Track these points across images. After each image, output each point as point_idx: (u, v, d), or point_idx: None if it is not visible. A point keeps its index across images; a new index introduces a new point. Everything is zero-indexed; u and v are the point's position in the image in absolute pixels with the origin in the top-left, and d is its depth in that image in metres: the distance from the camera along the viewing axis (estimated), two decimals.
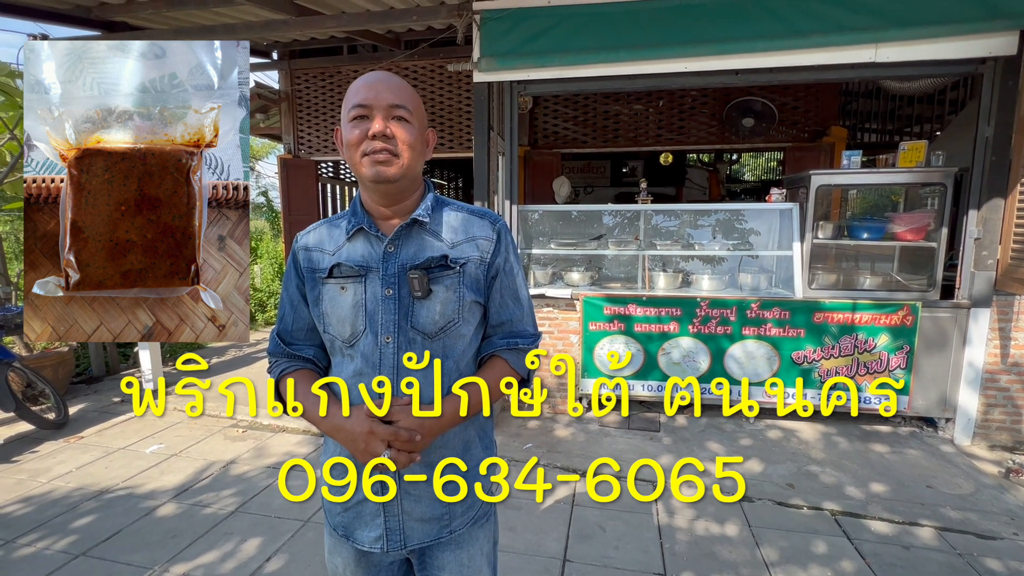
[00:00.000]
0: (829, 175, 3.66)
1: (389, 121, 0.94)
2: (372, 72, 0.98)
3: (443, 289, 0.97)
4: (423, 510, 1.01)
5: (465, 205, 1.08)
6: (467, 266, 0.99)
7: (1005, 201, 3.25)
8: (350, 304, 0.98)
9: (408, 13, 3.92)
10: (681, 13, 3.36)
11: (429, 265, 0.97)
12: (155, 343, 4.46)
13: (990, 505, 2.73)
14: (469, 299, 1.00)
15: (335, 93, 5.89)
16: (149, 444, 3.47)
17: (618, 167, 10.03)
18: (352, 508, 1.02)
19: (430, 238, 1.00)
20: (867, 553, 2.35)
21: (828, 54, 3.28)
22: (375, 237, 1.00)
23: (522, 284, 1.09)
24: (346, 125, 0.96)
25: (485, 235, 1.03)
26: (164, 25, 4.27)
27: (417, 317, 0.97)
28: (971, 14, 3.09)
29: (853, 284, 3.73)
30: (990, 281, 3.33)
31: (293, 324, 1.07)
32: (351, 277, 0.99)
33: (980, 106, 3.33)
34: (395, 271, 0.97)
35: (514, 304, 1.07)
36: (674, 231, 4.39)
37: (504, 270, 1.04)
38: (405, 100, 0.95)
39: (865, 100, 6.80)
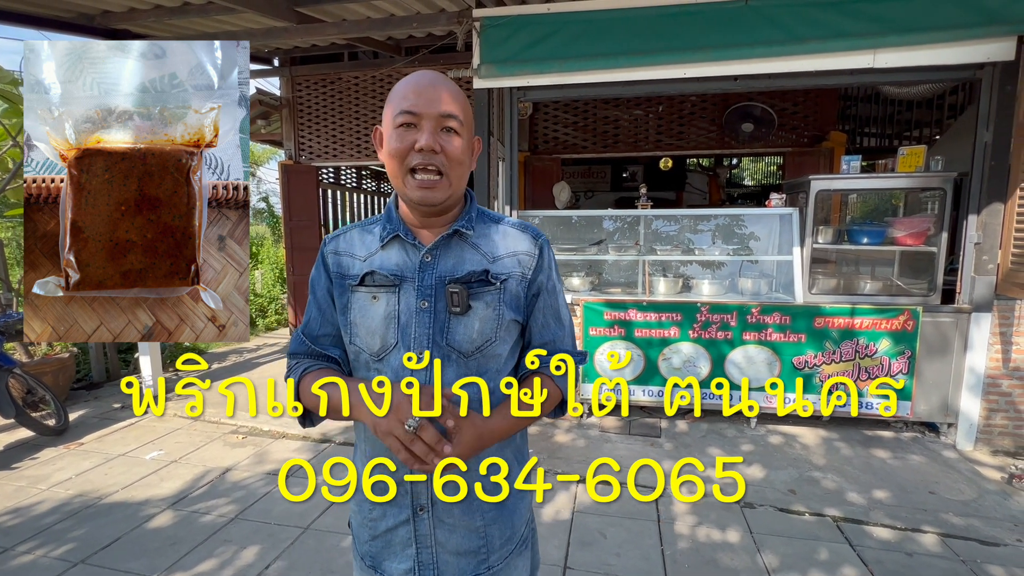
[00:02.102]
0: (829, 180, 3.66)
1: (438, 133, 0.87)
2: (421, 73, 0.90)
3: (483, 306, 0.92)
4: (458, 542, 0.94)
5: (507, 217, 1.03)
6: (508, 282, 0.94)
7: (1005, 206, 3.25)
8: (381, 315, 0.92)
9: (408, 20, 3.94)
10: (680, 20, 3.38)
11: (469, 279, 0.92)
12: (155, 348, 4.47)
13: (993, 511, 2.72)
14: (508, 317, 0.94)
15: (336, 99, 5.92)
16: (149, 450, 3.47)
17: (618, 172, 10.05)
18: (381, 536, 0.96)
19: (471, 251, 0.95)
20: (869, 560, 2.34)
21: (827, 60, 3.29)
22: (412, 246, 0.94)
23: (563, 303, 1.04)
24: (390, 131, 0.89)
25: (527, 250, 0.97)
26: (167, 33, 4.30)
27: (453, 334, 0.91)
28: (969, 20, 3.11)
29: (854, 289, 3.73)
30: (991, 286, 3.32)
31: (320, 329, 1.00)
32: (384, 286, 0.93)
33: (979, 111, 3.34)
34: (432, 283, 0.91)
35: (556, 324, 1.01)
36: (674, 236, 4.40)
37: (547, 288, 0.99)
38: (457, 108, 0.89)
39: (864, 105, 6.82)
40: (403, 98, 0.87)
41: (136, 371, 5.00)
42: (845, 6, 3.19)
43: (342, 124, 5.99)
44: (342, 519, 2.65)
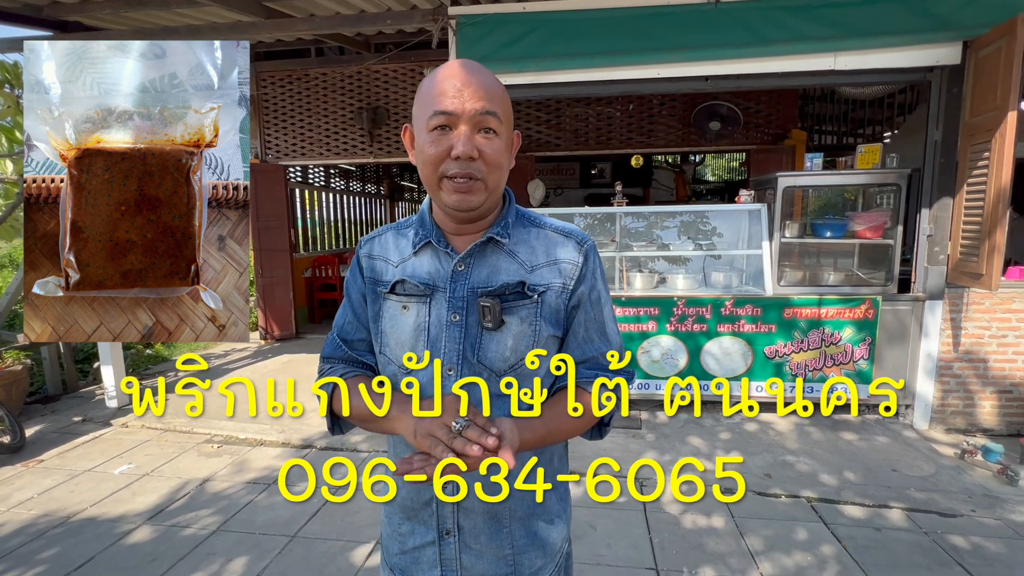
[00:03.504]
0: (795, 176, 3.83)
1: (476, 135, 0.79)
2: (455, 64, 0.81)
3: (517, 321, 0.85)
4: (485, 568, 0.90)
5: (549, 220, 0.94)
6: (546, 295, 0.86)
7: (954, 200, 3.47)
8: (411, 326, 0.87)
9: (381, 17, 3.88)
10: (654, 21, 3.46)
11: (503, 292, 0.85)
12: (118, 357, 4.26)
13: (949, 485, 2.92)
14: (546, 334, 0.86)
15: (303, 96, 5.76)
16: (117, 464, 3.31)
17: (587, 169, 10.18)
18: (409, 552, 0.93)
19: (506, 259, 0.87)
20: (843, 537, 2.48)
21: (792, 62, 3.44)
22: (444, 253, 0.88)
23: (611, 317, 0.94)
24: (423, 132, 0.81)
25: (570, 258, 0.89)
26: (123, 26, 4.09)
27: (485, 350, 0.84)
28: (919, 26, 3.31)
29: (819, 280, 3.92)
30: (942, 275, 3.55)
31: (355, 333, 0.96)
32: (415, 296, 0.87)
33: (929, 111, 3.56)
34: (463, 294, 0.85)
35: (600, 339, 0.92)
36: (646, 232, 4.50)
37: (590, 299, 0.90)
38: (495, 103, 0.80)
39: (821, 104, 7.14)
40: (436, 96, 0.79)
41: (96, 381, 4.76)
42: (808, 10, 3.34)
43: (310, 122, 5.84)
44: (330, 525, 2.61)
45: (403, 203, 11.85)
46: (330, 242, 8.54)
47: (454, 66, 0.81)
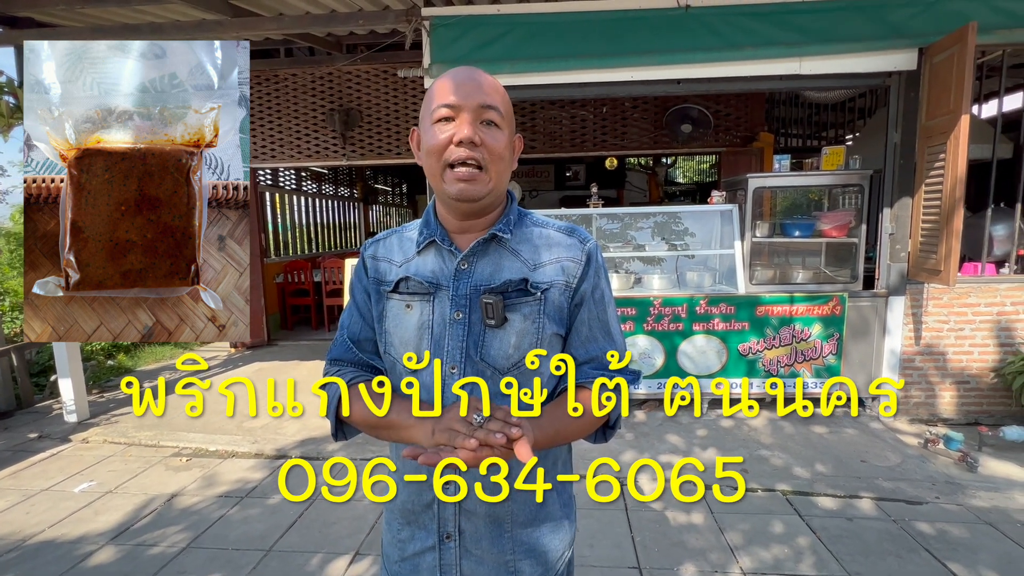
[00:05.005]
0: (764, 178, 3.93)
1: (478, 125, 0.82)
2: (459, 68, 0.86)
3: (520, 318, 0.85)
4: (485, 573, 0.89)
5: (551, 220, 0.95)
6: (549, 292, 0.87)
7: (913, 199, 3.63)
8: (415, 325, 0.87)
9: (352, 17, 3.82)
10: (626, 25, 3.51)
11: (506, 289, 0.85)
12: (77, 370, 4.06)
13: (914, 473, 3.03)
14: (550, 331, 0.87)
15: (272, 97, 5.63)
16: (77, 482, 3.15)
17: (562, 171, 10.27)
18: (409, 559, 0.93)
19: (509, 257, 0.88)
20: (817, 528, 2.54)
21: (760, 66, 3.53)
22: (448, 252, 0.89)
23: (614, 316, 0.94)
24: (428, 128, 0.84)
25: (572, 256, 0.90)
26: (78, 23, 3.91)
27: (488, 348, 0.85)
28: (877, 33, 3.45)
29: (788, 279, 4.03)
30: (903, 272, 3.70)
31: (362, 333, 0.95)
32: (418, 294, 0.88)
33: (888, 115, 3.71)
34: (466, 292, 0.86)
35: (604, 338, 0.92)
36: (621, 233, 4.55)
37: (593, 297, 0.91)
38: (497, 101, 0.83)
39: (787, 107, 7.37)
40: (440, 93, 0.83)
41: (53, 395, 4.53)
42: (775, 17, 3.44)
43: (280, 124, 5.71)
44: (307, 538, 2.54)
45: (377, 206, 11.70)
46: (302, 246, 8.36)
47: (458, 69, 0.86)
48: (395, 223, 13.08)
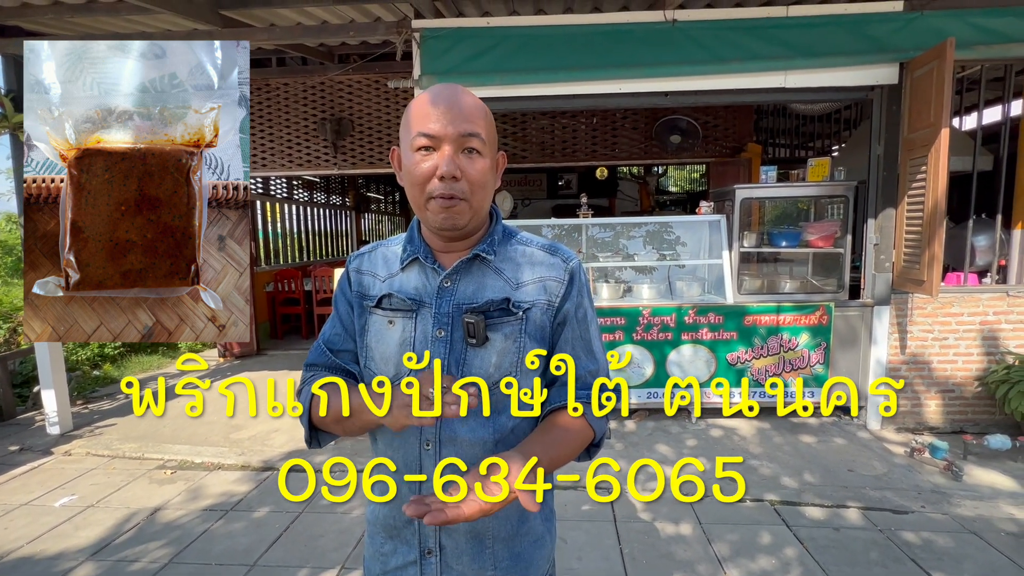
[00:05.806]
0: (751, 189, 3.97)
1: (459, 156, 0.81)
2: (439, 89, 0.84)
3: (501, 338, 0.86)
4: None
5: (536, 239, 0.96)
6: (531, 311, 0.87)
7: (896, 210, 3.68)
8: (396, 341, 0.88)
9: (344, 28, 3.85)
10: (614, 38, 3.55)
11: (488, 308, 0.86)
12: (61, 380, 4.00)
13: (901, 483, 3.05)
14: (531, 351, 0.88)
15: (264, 106, 5.63)
16: (58, 496, 3.10)
17: (554, 180, 10.32)
18: (391, 573, 0.93)
19: (492, 276, 0.89)
20: (804, 538, 2.55)
21: (746, 79, 3.59)
22: (431, 269, 0.89)
23: (596, 335, 0.95)
24: (408, 154, 0.84)
25: (555, 276, 0.90)
26: (68, 32, 3.90)
27: (469, 367, 0.85)
28: (860, 48, 3.52)
29: (776, 288, 4.06)
30: (888, 282, 3.75)
31: (342, 344, 0.96)
32: (401, 311, 0.89)
33: (872, 127, 3.77)
34: (448, 310, 0.86)
35: (587, 357, 0.92)
36: (611, 243, 4.58)
37: (576, 317, 0.91)
38: (478, 125, 0.82)
39: (774, 119, 7.48)
40: (420, 119, 0.81)
41: (36, 406, 4.45)
42: (760, 31, 3.50)
43: (271, 132, 5.71)
44: (292, 552, 2.51)
45: (369, 215, 11.69)
46: (293, 255, 8.32)
47: (437, 89, 0.84)
48: (387, 232, 13.07)
